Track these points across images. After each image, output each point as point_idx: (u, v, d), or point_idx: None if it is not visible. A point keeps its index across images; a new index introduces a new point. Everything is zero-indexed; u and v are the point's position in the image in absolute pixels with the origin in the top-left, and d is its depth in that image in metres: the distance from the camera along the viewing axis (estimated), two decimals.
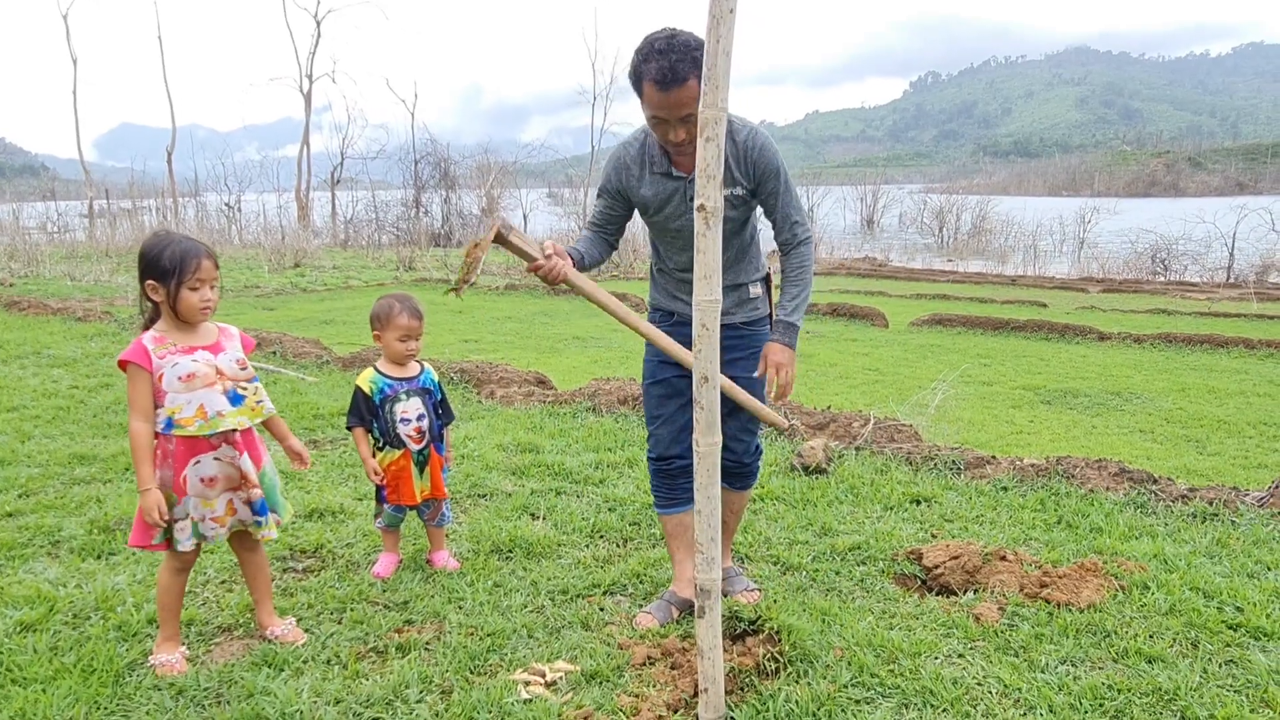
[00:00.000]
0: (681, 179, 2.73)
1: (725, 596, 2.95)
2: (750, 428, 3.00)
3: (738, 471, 3.04)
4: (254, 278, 16.21)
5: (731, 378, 2.75)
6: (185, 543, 2.56)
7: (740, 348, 2.89)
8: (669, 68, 2.42)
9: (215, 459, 2.57)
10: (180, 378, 2.49)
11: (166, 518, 2.51)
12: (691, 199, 2.69)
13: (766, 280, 3.00)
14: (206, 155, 31.03)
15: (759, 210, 2.87)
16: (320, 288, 15.09)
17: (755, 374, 2.79)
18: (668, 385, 2.94)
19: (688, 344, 2.90)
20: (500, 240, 2.46)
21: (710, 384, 2.23)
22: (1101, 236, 25.04)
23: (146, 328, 2.56)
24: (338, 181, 31.69)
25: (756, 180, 2.72)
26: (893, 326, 10.94)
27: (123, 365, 2.49)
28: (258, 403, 2.67)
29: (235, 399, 2.59)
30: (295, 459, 2.80)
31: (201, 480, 2.55)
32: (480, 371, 6.62)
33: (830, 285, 16.52)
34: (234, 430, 2.58)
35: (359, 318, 10.91)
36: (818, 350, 9.15)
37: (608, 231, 2.93)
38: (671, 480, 3.00)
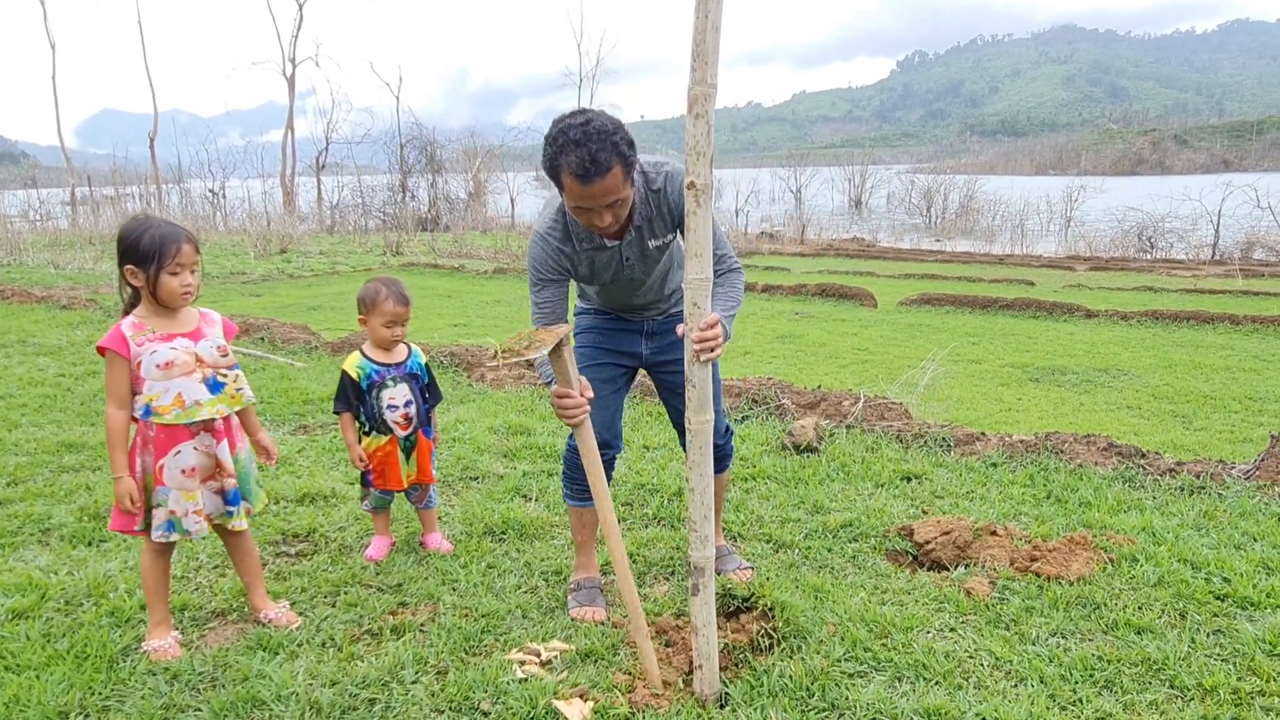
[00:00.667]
0: (615, 246, 2.62)
1: (719, 574, 2.97)
2: (714, 406, 2.97)
3: (713, 456, 3.00)
4: (240, 264, 16.07)
5: (680, 360, 2.75)
6: (157, 532, 2.55)
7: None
8: (589, 158, 2.23)
9: (194, 448, 2.55)
10: (158, 365, 2.47)
11: (139, 504, 2.50)
12: (627, 259, 2.65)
13: None
14: (189, 141, 30.78)
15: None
16: (307, 274, 14.98)
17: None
18: (604, 370, 2.88)
19: (626, 334, 2.93)
20: (556, 348, 2.29)
21: (701, 362, 2.24)
22: (1088, 215, 25.11)
23: (126, 313, 2.54)
24: (323, 166, 31.45)
25: (680, 218, 2.56)
26: (881, 306, 10.95)
27: (101, 351, 2.47)
28: (237, 390, 2.65)
29: (214, 386, 2.57)
30: (263, 454, 2.78)
31: (182, 471, 2.54)
32: (470, 355, 6.60)
33: (819, 266, 16.54)
34: (213, 419, 2.57)
35: (346, 303, 10.85)
36: (807, 330, 9.17)
37: (557, 316, 2.67)
38: None
